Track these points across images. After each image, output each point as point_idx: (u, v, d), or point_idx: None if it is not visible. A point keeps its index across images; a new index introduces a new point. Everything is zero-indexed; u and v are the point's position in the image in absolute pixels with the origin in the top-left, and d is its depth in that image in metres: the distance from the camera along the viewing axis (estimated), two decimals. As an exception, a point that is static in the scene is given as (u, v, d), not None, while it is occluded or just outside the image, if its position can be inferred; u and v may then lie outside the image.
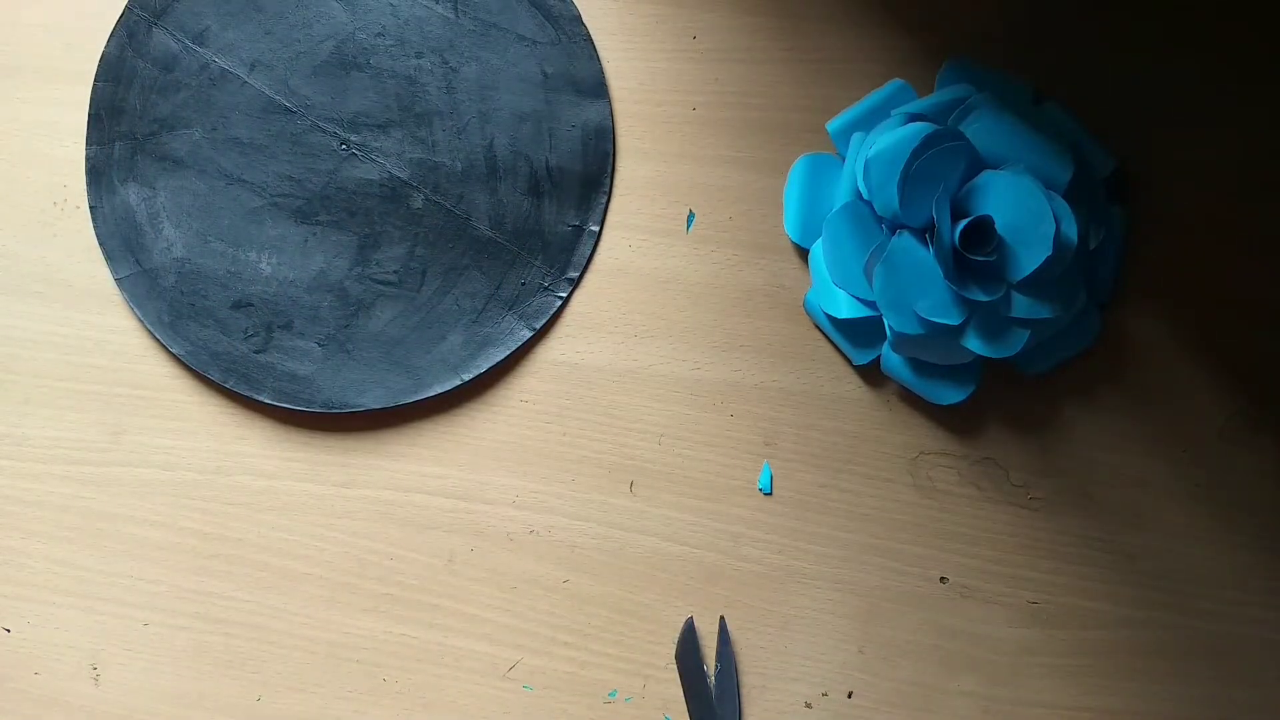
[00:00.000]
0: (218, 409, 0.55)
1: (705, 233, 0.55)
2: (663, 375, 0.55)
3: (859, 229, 0.51)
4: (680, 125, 0.55)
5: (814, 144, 0.54)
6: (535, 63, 0.54)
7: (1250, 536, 0.53)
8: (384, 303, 0.54)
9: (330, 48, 0.54)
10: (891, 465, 0.54)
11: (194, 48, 0.55)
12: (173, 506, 0.55)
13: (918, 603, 0.54)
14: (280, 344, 0.54)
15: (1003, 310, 0.50)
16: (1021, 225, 0.49)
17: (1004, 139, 0.50)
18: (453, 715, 0.54)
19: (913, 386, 0.53)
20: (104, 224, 0.55)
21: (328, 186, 0.54)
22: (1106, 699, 0.53)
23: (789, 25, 0.55)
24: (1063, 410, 0.54)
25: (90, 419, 0.55)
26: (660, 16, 0.55)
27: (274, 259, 0.54)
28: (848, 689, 0.54)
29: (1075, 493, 0.54)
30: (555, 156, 0.54)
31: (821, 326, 0.54)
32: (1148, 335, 0.54)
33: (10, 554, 0.54)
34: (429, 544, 0.54)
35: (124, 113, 0.55)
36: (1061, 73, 0.54)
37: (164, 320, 0.55)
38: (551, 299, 0.55)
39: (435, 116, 0.54)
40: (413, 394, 0.54)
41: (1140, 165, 0.54)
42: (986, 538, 0.54)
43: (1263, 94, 0.53)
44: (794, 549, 0.54)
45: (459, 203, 0.54)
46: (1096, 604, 0.53)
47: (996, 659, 0.53)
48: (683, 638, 0.53)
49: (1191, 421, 0.54)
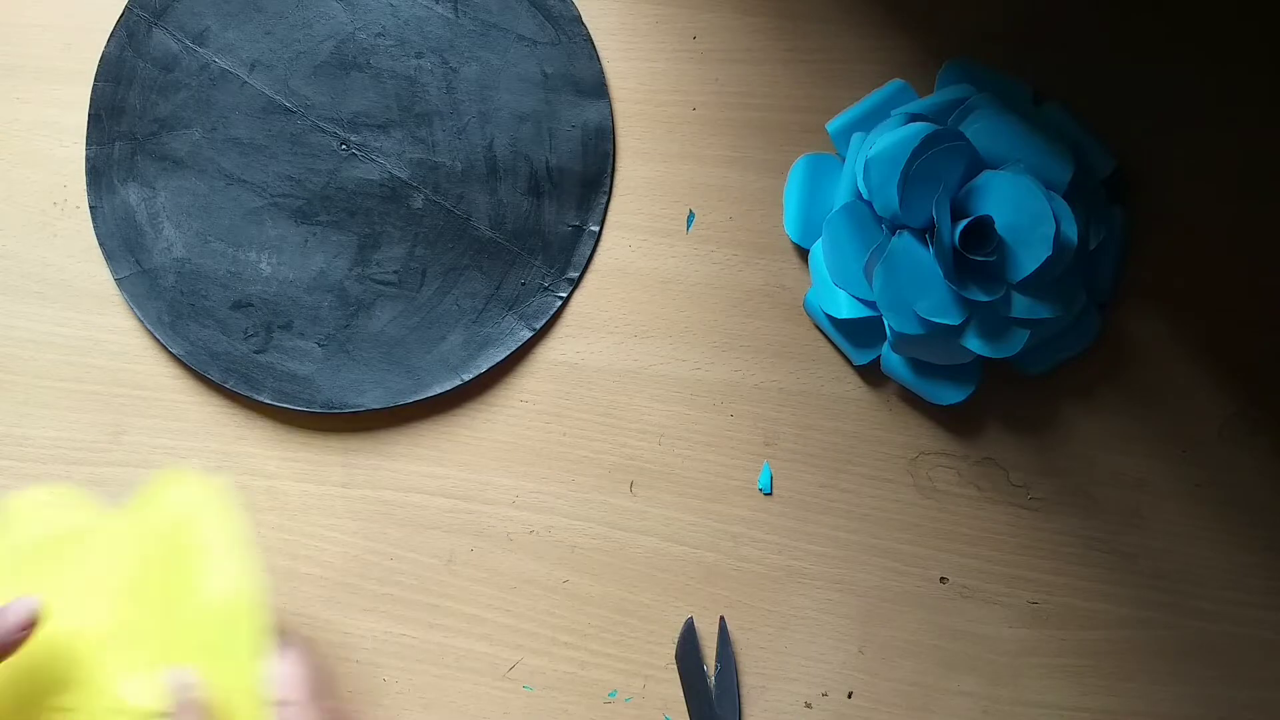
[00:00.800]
0: (218, 409, 0.55)
1: (705, 233, 0.55)
2: (663, 375, 0.55)
3: (859, 229, 0.51)
4: (680, 125, 0.55)
5: (814, 144, 0.54)
6: (535, 63, 0.54)
7: (1250, 536, 0.53)
8: (384, 303, 0.54)
9: (330, 48, 0.54)
10: (891, 465, 0.54)
11: (194, 48, 0.55)
12: (173, 506, 0.55)
13: (918, 603, 0.54)
14: (280, 344, 0.54)
15: (1002, 310, 0.50)
16: (1021, 225, 0.49)
17: (1004, 139, 0.50)
18: (453, 715, 0.54)
19: (913, 386, 0.53)
20: (104, 224, 0.55)
21: (328, 186, 0.54)
22: (1106, 699, 0.53)
23: (789, 25, 0.55)
24: (1063, 410, 0.54)
25: (90, 419, 0.55)
26: (660, 16, 0.55)
27: (274, 259, 0.54)
28: (848, 689, 0.54)
29: (1075, 493, 0.54)
30: (555, 156, 0.54)
31: (821, 326, 0.54)
32: (1148, 335, 0.54)
33: (10, 554, 0.54)
34: (429, 544, 0.54)
35: (124, 113, 0.55)
36: (1061, 73, 0.53)
37: (164, 320, 0.55)
38: (551, 299, 0.55)
39: (435, 116, 0.54)
40: (413, 394, 0.54)
41: (1140, 165, 0.54)
42: (986, 538, 0.54)
43: (1263, 94, 0.53)
44: (794, 549, 0.54)
45: (459, 203, 0.54)
46: (1096, 604, 0.53)
47: (996, 659, 0.53)
48: (683, 638, 0.53)
49: (1191, 421, 0.54)
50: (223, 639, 0.47)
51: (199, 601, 0.48)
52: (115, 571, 0.49)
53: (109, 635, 0.48)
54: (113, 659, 0.48)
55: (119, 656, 0.48)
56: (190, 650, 0.48)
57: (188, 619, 0.48)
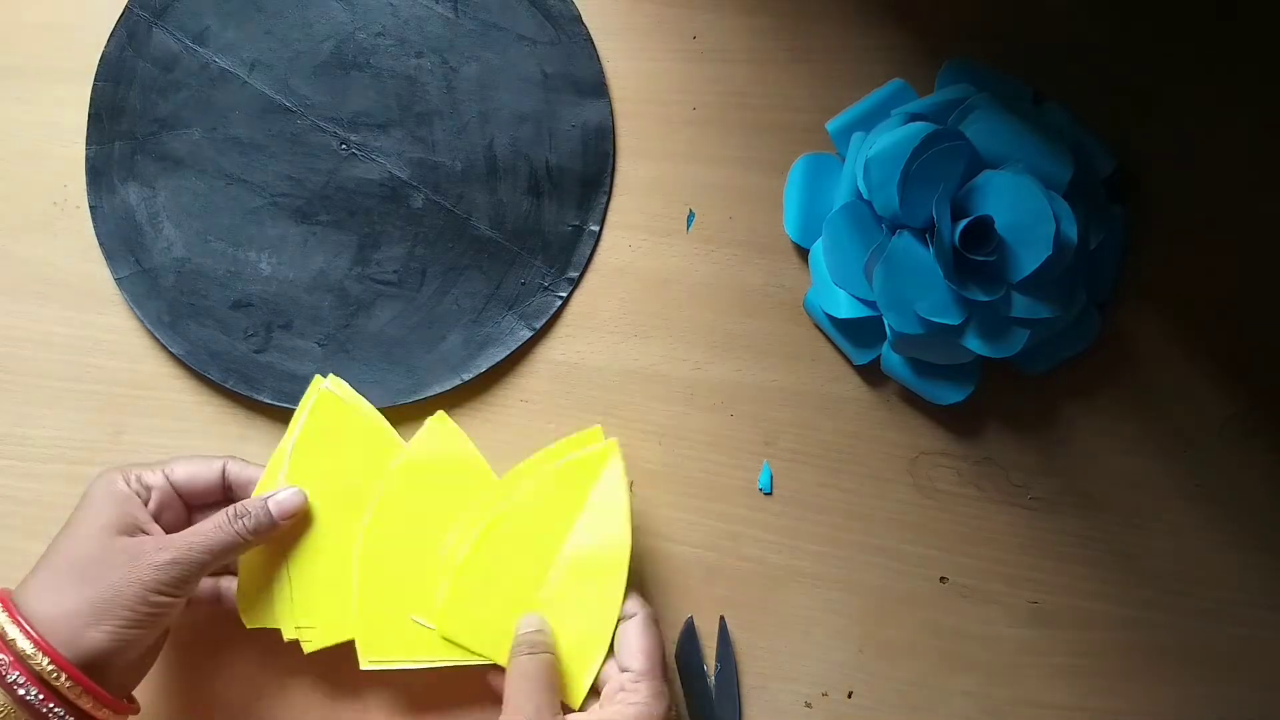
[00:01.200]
0: (218, 409, 0.55)
1: (705, 233, 0.55)
2: (663, 375, 0.55)
3: (859, 229, 0.51)
4: (680, 125, 0.55)
5: (814, 144, 0.54)
6: (535, 62, 0.54)
7: (1250, 536, 0.53)
8: (384, 302, 0.54)
9: (330, 47, 0.54)
10: (891, 465, 0.54)
11: (194, 47, 0.55)
12: (173, 506, 0.55)
13: (918, 602, 0.54)
14: (280, 344, 0.54)
15: (1003, 310, 0.50)
16: (1021, 225, 0.49)
17: (1004, 139, 0.50)
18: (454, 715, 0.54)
19: (913, 386, 0.53)
20: (104, 224, 0.55)
21: (328, 186, 0.54)
22: (1106, 699, 0.53)
23: (789, 25, 0.55)
24: (1063, 410, 0.54)
25: (90, 419, 0.55)
26: (660, 16, 0.55)
27: (274, 259, 0.54)
28: (848, 689, 0.54)
29: (1075, 493, 0.54)
30: (555, 156, 0.54)
31: (821, 326, 0.54)
32: (1148, 335, 0.54)
33: (10, 554, 0.54)
34: (429, 544, 0.54)
35: (124, 112, 0.55)
36: (1061, 73, 0.53)
37: (164, 320, 0.55)
38: (551, 299, 0.55)
39: (435, 116, 0.54)
40: (413, 394, 0.54)
41: (1140, 165, 0.54)
42: (986, 538, 0.54)
43: (1263, 94, 0.54)
44: (794, 549, 0.54)
45: (459, 202, 0.54)
46: (1096, 604, 0.53)
47: (996, 659, 0.53)
48: (683, 637, 0.53)
49: (1191, 421, 0.54)
50: (584, 592, 0.49)
51: (569, 551, 0.50)
52: (494, 506, 0.51)
53: (475, 566, 0.50)
54: (473, 589, 0.50)
55: (480, 589, 0.50)
56: (549, 596, 0.50)
57: (553, 565, 0.50)
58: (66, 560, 0.46)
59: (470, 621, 0.50)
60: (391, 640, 0.50)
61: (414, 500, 0.51)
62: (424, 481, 0.51)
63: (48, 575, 0.45)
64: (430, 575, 0.50)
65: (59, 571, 0.45)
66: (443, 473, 0.51)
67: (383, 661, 0.50)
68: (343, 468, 0.51)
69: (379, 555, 0.50)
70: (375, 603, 0.50)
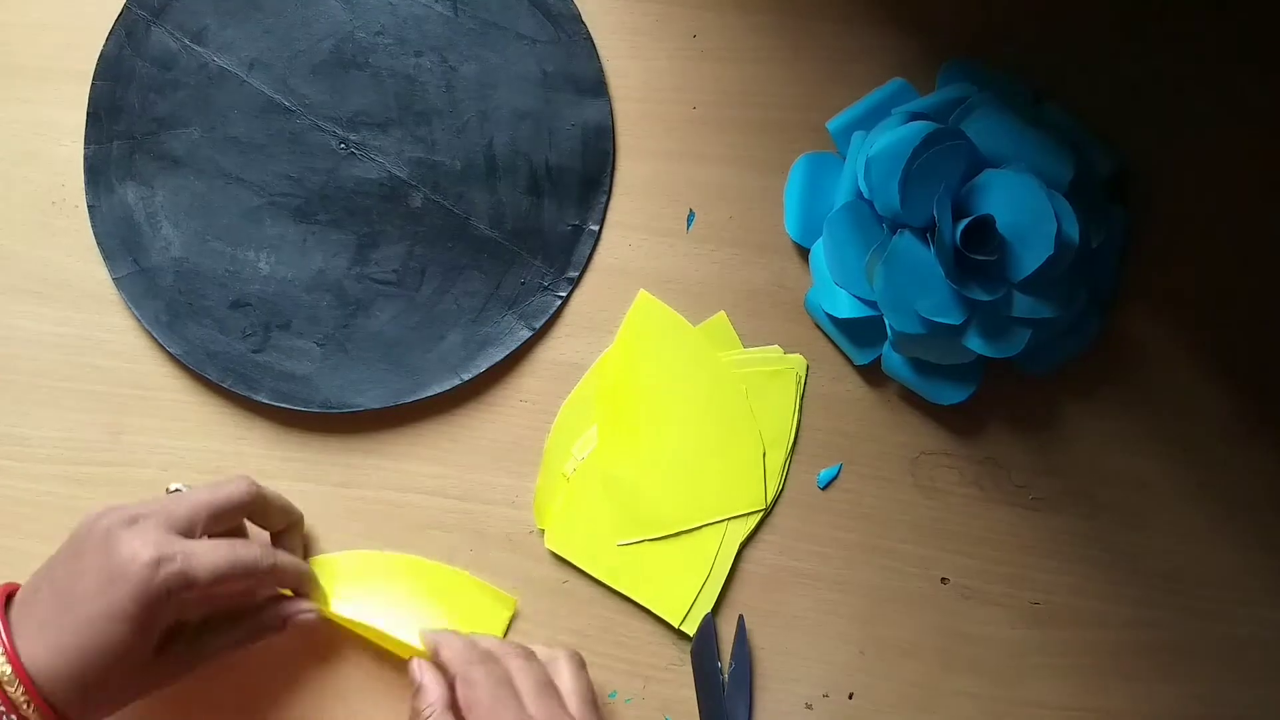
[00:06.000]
0: (216, 409, 0.55)
1: (705, 232, 0.55)
2: (663, 375, 0.55)
3: (860, 228, 0.51)
4: (680, 125, 0.55)
5: (814, 143, 0.54)
6: (535, 62, 0.54)
7: (1250, 536, 0.53)
8: (383, 302, 0.54)
9: (329, 46, 0.54)
10: (892, 465, 0.54)
11: (193, 46, 0.54)
12: (171, 507, 0.55)
13: (919, 603, 0.54)
14: (279, 344, 0.54)
15: (1004, 310, 0.50)
16: (1023, 224, 0.49)
17: (1005, 138, 0.50)
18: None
19: (913, 386, 0.53)
20: (102, 223, 0.55)
21: (327, 185, 0.54)
22: (1106, 699, 0.53)
23: (789, 24, 0.55)
24: (1063, 410, 0.54)
25: (90, 419, 0.55)
26: (660, 15, 0.55)
27: (272, 258, 0.54)
28: (849, 690, 0.53)
29: (1075, 493, 0.54)
30: (555, 156, 0.54)
31: (822, 326, 0.54)
32: (1149, 335, 0.54)
33: (10, 554, 0.54)
34: (428, 544, 0.54)
35: (122, 112, 0.55)
36: (1061, 73, 0.53)
37: (162, 320, 0.54)
38: (551, 298, 0.55)
39: (434, 115, 0.54)
40: (412, 394, 0.54)
41: (1140, 165, 0.54)
42: (987, 538, 0.54)
43: (1264, 94, 0.54)
44: (794, 549, 0.54)
45: (458, 202, 0.54)
46: (1096, 604, 0.53)
47: (998, 659, 0.53)
48: (700, 634, 0.53)
49: (1192, 421, 0.54)
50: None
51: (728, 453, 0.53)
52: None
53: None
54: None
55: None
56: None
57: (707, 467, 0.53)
58: (76, 639, 0.43)
59: (577, 536, 0.53)
60: (580, 542, 0.53)
61: (631, 392, 0.54)
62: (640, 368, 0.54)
63: (55, 635, 0.43)
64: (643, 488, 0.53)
65: (64, 632, 0.43)
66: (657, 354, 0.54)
67: (564, 553, 0.53)
68: (656, 371, 0.54)
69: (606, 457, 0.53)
70: (581, 496, 0.53)
